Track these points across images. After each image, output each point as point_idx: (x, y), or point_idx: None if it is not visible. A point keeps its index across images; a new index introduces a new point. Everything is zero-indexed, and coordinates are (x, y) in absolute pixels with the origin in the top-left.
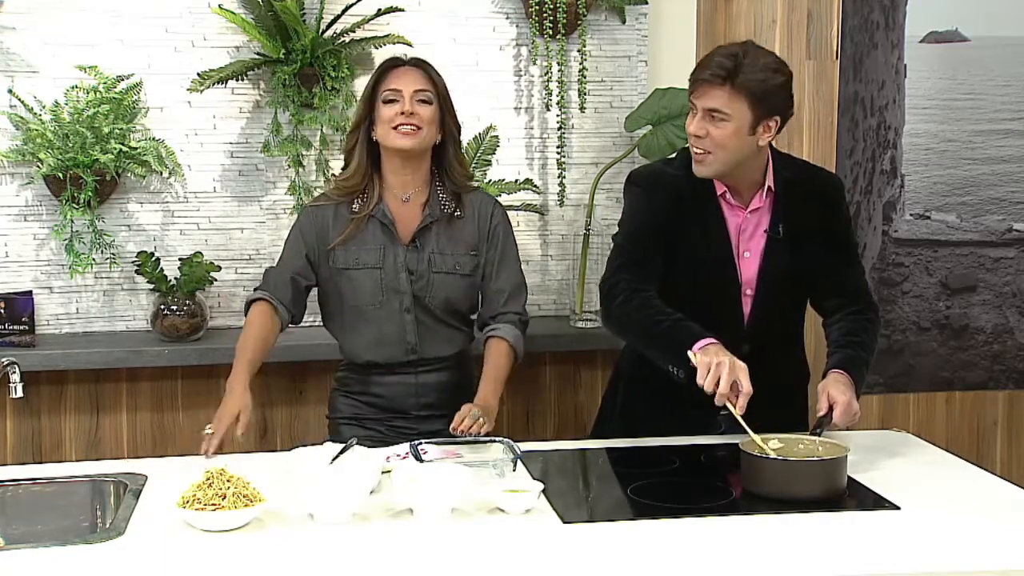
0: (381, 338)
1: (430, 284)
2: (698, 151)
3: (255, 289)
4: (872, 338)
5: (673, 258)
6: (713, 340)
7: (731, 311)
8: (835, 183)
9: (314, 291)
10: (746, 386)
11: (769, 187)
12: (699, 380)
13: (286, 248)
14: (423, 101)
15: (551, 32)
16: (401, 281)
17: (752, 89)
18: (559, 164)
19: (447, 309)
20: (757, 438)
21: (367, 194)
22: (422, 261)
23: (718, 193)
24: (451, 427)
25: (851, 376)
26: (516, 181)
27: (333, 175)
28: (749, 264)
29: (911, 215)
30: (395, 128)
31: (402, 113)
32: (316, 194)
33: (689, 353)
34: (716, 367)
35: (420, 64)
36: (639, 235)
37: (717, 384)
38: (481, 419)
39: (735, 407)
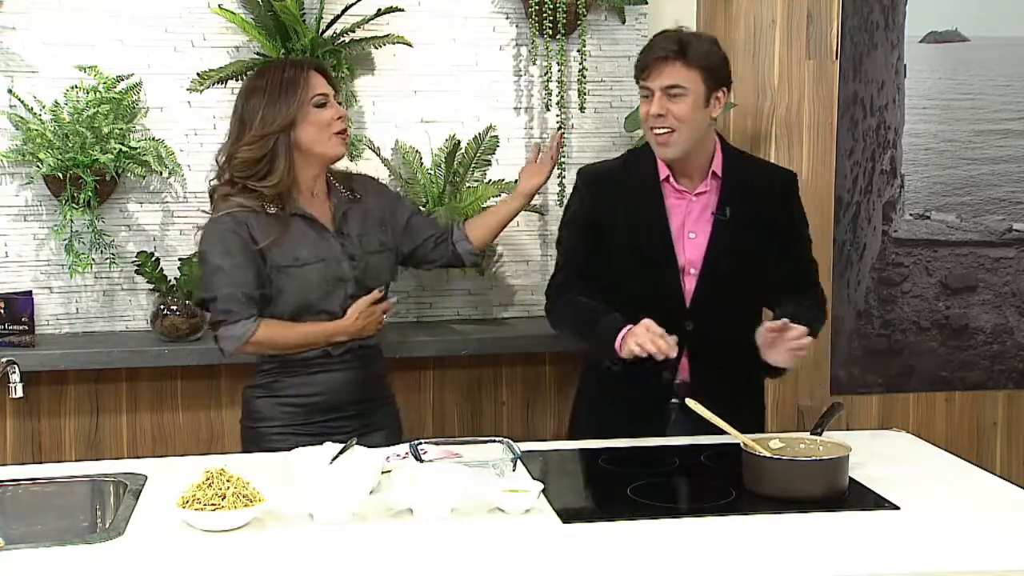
0: None
1: (368, 266)
2: (661, 132)
3: (238, 319)
4: (816, 316)
5: (610, 244)
6: (629, 327)
7: (671, 290)
8: (787, 177)
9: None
10: (659, 331)
11: (714, 172)
12: (640, 353)
13: (231, 265)
14: (340, 103)
15: (551, 32)
16: (344, 270)
17: (702, 62)
18: (559, 164)
19: (380, 287)
20: (719, 421)
21: (282, 196)
22: (356, 246)
23: (661, 178)
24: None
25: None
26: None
27: (213, 182)
28: (696, 244)
29: (911, 215)
30: (336, 133)
31: (339, 118)
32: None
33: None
34: (638, 347)
35: (326, 69)
36: (574, 230)
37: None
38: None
39: (671, 348)
